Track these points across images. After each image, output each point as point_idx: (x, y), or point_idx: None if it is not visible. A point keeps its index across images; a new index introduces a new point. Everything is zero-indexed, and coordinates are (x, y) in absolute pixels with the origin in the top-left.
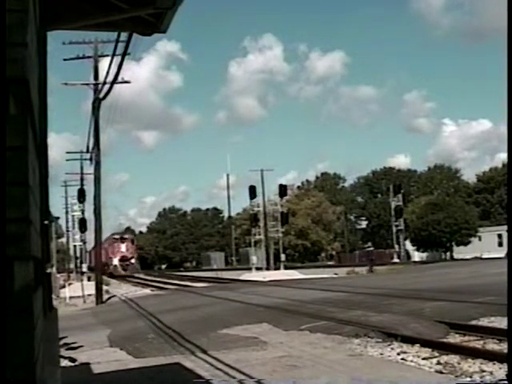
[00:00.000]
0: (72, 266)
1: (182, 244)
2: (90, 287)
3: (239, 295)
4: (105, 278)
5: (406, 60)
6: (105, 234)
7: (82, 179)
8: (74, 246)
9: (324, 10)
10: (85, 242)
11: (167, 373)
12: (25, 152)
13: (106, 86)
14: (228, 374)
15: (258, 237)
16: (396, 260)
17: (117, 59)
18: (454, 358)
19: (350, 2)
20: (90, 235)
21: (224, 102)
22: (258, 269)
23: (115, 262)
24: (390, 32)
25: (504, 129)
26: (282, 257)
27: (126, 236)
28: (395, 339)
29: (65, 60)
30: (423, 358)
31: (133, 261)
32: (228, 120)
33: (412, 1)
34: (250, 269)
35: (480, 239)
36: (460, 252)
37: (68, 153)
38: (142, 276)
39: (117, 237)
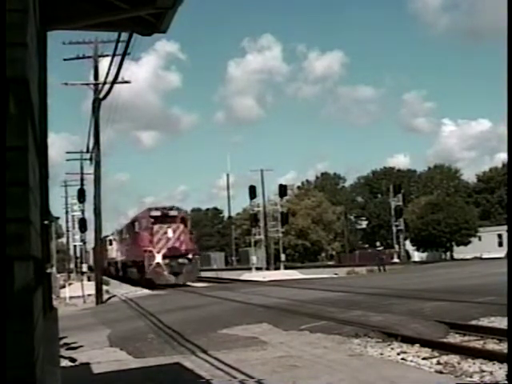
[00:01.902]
0: (72, 265)
1: None
2: (90, 287)
3: (239, 295)
4: (105, 277)
5: (405, 60)
6: (105, 234)
7: (82, 179)
8: (74, 245)
9: (323, 10)
10: (85, 242)
11: (167, 373)
12: (25, 152)
13: (106, 86)
14: (228, 373)
15: (258, 237)
16: (396, 260)
17: (117, 59)
18: (453, 358)
19: (348, 2)
20: (90, 235)
21: (223, 102)
22: (257, 269)
23: (158, 258)
24: (388, 32)
25: (503, 129)
26: (282, 257)
27: (175, 212)
28: (395, 339)
29: (65, 60)
30: (423, 358)
31: (190, 256)
32: (227, 120)
33: (410, 1)
34: (249, 269)
35: (480, 239)
36: (460, 252)
37: (68, 153)
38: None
39: (156, 213)
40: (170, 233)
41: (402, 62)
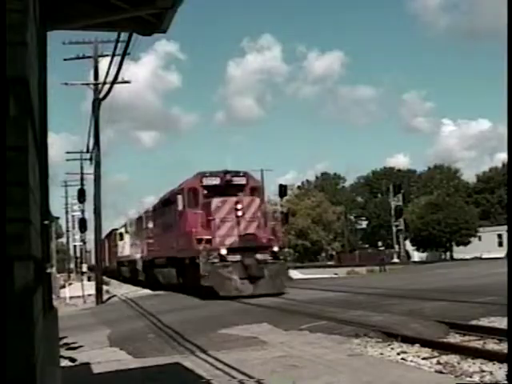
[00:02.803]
0: (72, 265)
1: None
2: (90, 287)
3: None
4: (105, 277)
5: (405, 60)
6: (104, 234)
7: (82, 179)
8: (74, 245)
9: (322, 10)
10: (85, 242)
11: (167, 373)
12: (25, 152)
13: (106, 86)
14: (228, 373)
15: None
16: (396, 260)
17: (117, 59)
18: (453, 358)
19: (348, 2)
20: (90, 235)
21: (223, 102)
22: None
23: (222, 252)
24: (388, 32)
25: (503, 128)
26: None
27: (242, 180)
28: (395, 339)
29: (65, 60)
30: (423, 358)
31: (275, 249)
32: (227, 120)
33: (410, 1)
34: None
35: (480, 239)
36: (460, 252)
37: (68, 153)
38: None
39: (214, 181)
40: (239, 210)
41: (401, 62)
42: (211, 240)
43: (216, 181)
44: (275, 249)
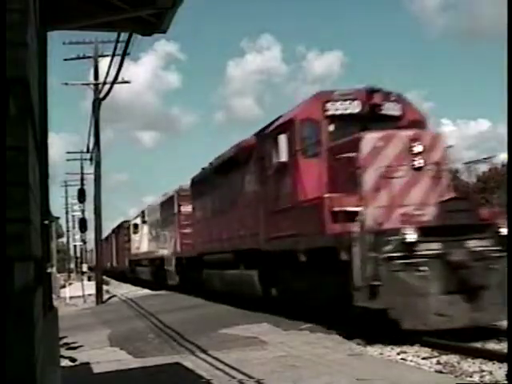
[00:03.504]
0: (72, 265)
1: None
2: (90, 287)
3: None
4: (105, 277)
5: (404, 60)
6: (105, 234)
7: (82, 179)
8: (74, 245)
9: (322, 11)
10: (85, 242)
11: (167, 372)
12: (25, 152)
13: (106, 86)
14: (228, 373)
15: None
16: None
17: (117, 59)
18: (453, 358)
19: (348, 2)
20: (91, 235)
21: (222, 102)
22: None
23: (410, 235)
24: (387, 32)
25: (503, 129)
26: None
27: (394, 108)
28: None
29: (65, 60)
30: (423, 358)
31: (504, 230)
32: (227, 120)
33: (410, 1)
34: None
35: None
36: None
37: (68, 153)
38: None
39: (350, 108)
40: (419, 156)
41: (401, 62)
42: (364, 213)
43: (354, 107)
44: (503, 230)
